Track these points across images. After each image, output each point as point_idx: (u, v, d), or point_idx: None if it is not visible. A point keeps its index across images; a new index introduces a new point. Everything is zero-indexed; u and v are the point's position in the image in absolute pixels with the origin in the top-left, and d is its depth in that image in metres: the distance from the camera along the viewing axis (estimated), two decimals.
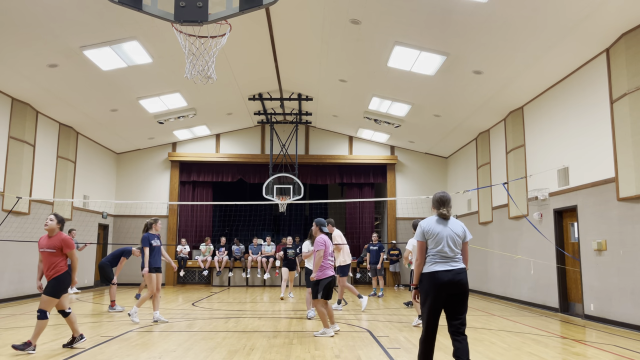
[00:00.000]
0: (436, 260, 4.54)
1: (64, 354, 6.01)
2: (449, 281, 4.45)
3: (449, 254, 4.54)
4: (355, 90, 13.66)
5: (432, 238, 4.60)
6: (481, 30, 8.92)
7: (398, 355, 6.11)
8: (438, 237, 4.58)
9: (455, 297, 4.49)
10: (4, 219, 11.41)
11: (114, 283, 10.44)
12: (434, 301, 4.47)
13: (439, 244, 4.56)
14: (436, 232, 4.60)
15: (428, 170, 18.62)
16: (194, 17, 5.65)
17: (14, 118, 11.92)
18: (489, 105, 12.41)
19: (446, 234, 4.60)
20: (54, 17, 8.95)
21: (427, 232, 4.63)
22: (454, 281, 4.46)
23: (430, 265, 4.55)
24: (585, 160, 9.48)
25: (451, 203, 4.82)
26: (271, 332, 7.76)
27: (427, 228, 4.65)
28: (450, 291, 4.46)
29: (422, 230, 4.66)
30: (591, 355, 6.22)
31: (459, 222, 4.78)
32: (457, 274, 4.50)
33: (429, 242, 4.62)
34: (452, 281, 4.46)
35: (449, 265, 4.52)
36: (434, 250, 4.57)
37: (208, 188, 18.93)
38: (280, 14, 10.36)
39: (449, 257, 4.54)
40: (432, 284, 4.47)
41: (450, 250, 4.56)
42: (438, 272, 4.48)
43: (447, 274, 4.46)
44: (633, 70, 8.03)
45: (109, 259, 10.64)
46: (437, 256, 4.54)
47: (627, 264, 8.27)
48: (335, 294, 11.27)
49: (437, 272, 4.48)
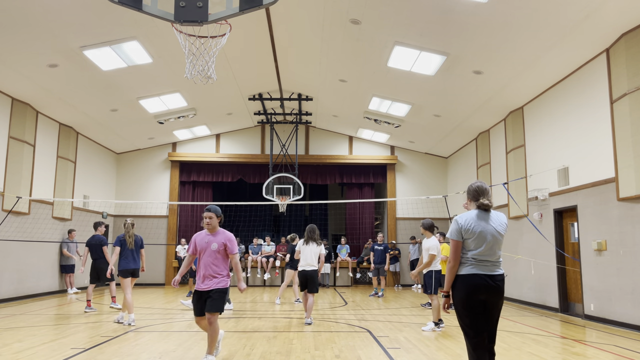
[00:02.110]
0: (474, 263, 3.88)
1: (64, 353, 6.01)
2: (486, 285, 3.82)
3: (491, 258, 3.87)
4: (355, 90, 13.65)
5: (472, 237, 3.89)
6: (481, 30, 8.92)
7: (398, 355, 6.11)
8: (479, 237, 3.88)
9: (489, 306, 3.88)
10: (4, 219, 11.41)
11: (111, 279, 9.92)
12: (475, 306, 3.82)
13: (480, 246, 3.87)
14: (477, 231, 3.89)
15: (428, 170, 18.61)
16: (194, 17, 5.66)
17: (14, 118, 11.93)
18: (489, 105, 12.41)
19: (489, 232, 3.90)
20: (54, 17, 8.95)
21: (465, 231, 3.91)
22: (492, 286, 3.82)
23: (466, 267, 3.89)
24: (585, 160, 9.48)
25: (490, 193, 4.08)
26: (271, 332, 7.76)
27: (466, 225, 3.92)
28: (486, 297, 3.84)
29: (459, 226, 3.93)
30: (591, 355, 6.22)
31: (501, 215, 4.06)
32: (496, 281, 3.86)
33: (468, 242, 3.91)
34: (489, 285, 3.82)
35: (489, 270, 3.86)
36: (474, 252, 3.88)
37: (208, 188, 18.92)
38: (280, 14, 10.36)
39: (490, 262, 3.88)
40: (466, 288, 3.84)
41: (493, 253, 3.88)
42: (476, 275, 3.84)
43: (486, 278, 3.83)
44: (633, 70, 8.02)
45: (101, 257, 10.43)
46: (476, 259, 3.88)
47: (627, 264, 8.27)
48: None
49: (474, 275, 3.84)
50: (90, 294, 10.11)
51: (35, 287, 12.84)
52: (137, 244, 8.74)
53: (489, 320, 3.90)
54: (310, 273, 8.66)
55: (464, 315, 3.88)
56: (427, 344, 6.81)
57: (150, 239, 17.23)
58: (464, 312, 3.88)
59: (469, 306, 3.85)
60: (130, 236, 8.62)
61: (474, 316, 3.84)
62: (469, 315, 3.85)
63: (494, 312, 3.91)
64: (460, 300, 3.90)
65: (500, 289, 3.88)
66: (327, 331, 7.88)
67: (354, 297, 13.53)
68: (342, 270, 17.75)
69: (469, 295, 3.85)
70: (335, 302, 12.31)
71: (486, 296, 3.85)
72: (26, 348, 6.33)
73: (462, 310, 3.89)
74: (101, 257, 10.31)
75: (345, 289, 16.47)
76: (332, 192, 22.77)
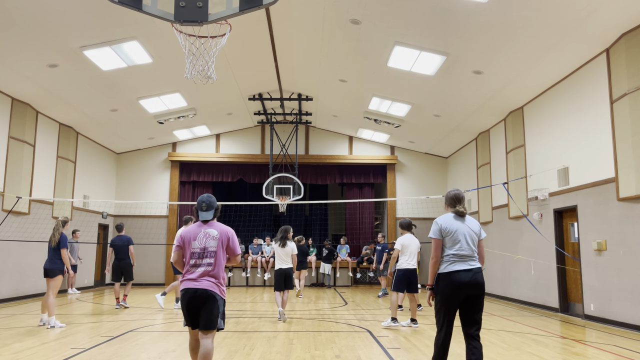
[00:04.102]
0: (454, 259, 4.36)
1: (64, 353, 6.01)
2: (469, 281, 4.28)
3: (467, 252, 4.38)
4: (355, 90, 13.65)
5: (449, 236, 4.41)
6: (481, 30, 8.92)
7: (398, 355, 6.11)
8: (456, 235, 4.40)
9: (473, 298, 4.33)
10: (4, 219, 11.41)
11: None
12: (452, 303, 4.31)
13: (457, 242, 4.38)
14: (454, 230, 4.41)
15: (428, 170, 18.62)
16: (194, 17, 5.65)
17: (14, 118, 11.92)
18: (489, 105, 12.41)
19: (464, 231, 4.43)
20: (54, 17, 8.95)
21: (444, 230, 4.43)
22: (473, 281, 4.30)
23: (449, 265, 4.36)
24: (585, 160, 9.48)
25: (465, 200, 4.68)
26: (271, 332, 7.76)
27: (445, 225, 4.44)
28: (469, 292, 4.30)
29: (439, 227, 4.45)
30: (591, 355, 6.22)
31: (474, 220, 4.63)
32: (476, 274, 4.33)
33: (446, 240, 4.41)
34: (471, 281, 4.29)
35: (468, 265, 4.35)
36: (452, 249, 4.38)
37: (208, 188, 18.92)
38: (280, 14, 10.36)
39: (467, 256, 4.37)
40: (451, 285, 4.29)
41: (469, 248, 4.39)
42: (458, 271, 4.30)
43: (467, 273, 4.30)
44: (633, 70, 8.03)
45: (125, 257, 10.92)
46: (456, 255, 4.36)
47: (627, 264, 8.27)
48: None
49: (457, 271, 4.30)
50: (118, 291, 10.76)
51: (35, 287, 12.83)
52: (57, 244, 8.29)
53: (473, 313, 4.35)
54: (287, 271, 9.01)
55: (442, 310, 4.33)
56: (427, 344, 6.81)
57: (150, 239, 17.24)
58: (442, 308, 4.33)
59: (449, 302, 4.30)
60: (57, 234, 8.29)
61: (450, 313, 4.32)
62: (446, 312, 4.31)
63: (479, 302, 4.35)
64: (442, 297, 4.34)
65: (480, 281, 4.34)
66: (327, 331, 7.88)
67: (354, 297, 13.53)
68: (342, 270, 17.76)
69: (452, 293, 4.30)
70: (335, 302, 12.31)
71: (469, 291, 4.30)
72: (26, 348, 6.33)
73: (442, 306, 4.34)
74: (125, 258, 10.83)
75: (345, 289, 16.47)
76: (332, 192, 22.77)
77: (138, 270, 17.32)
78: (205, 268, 4.39)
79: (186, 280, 4.40)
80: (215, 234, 4.49)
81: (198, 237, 4.48)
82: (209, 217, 4.55)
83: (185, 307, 4.37)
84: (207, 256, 4.42)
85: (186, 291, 4.35)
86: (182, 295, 4.39)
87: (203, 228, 4.52)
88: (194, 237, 4.48)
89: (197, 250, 4.43)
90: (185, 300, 4.35)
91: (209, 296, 4.33)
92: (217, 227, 4.54)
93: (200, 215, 4.56)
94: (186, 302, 4.35)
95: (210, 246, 4.44)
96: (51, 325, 7.93)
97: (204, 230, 4.51)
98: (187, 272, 4.43)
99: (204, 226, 4.54)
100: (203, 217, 4.54)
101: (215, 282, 4.39)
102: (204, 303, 4.31)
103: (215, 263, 4.42)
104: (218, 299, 4.37)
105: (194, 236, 4.49)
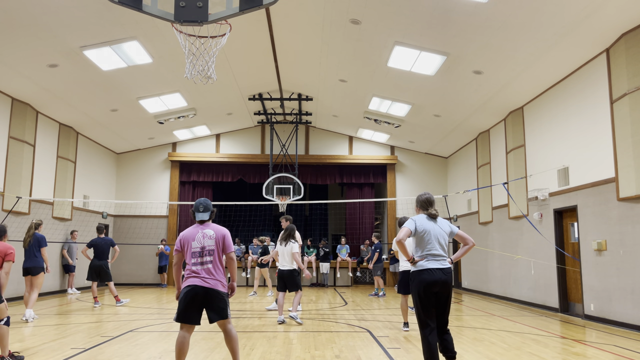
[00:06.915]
0: (428, 258, 4.76)
1: (64, 353, 6.01)
2: (439, 279, 4.67)
3: (439, 252, 4.77)
4: (355, 90, 13.65)
5: (422, 235, 4.79)
6: (481, 30, 8.92)
7: (398, 355, 6.11)
8: (428, 236, 4.79)
9: (442, 296, 4.71)
10: (4, 219, 11.40)
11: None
12: (427, 299, 4.68)
13: (429, 243, 4.78)
14: (427, 230, 4.81)
15: (428, 170, 18.61)
16: (194, 17, 5.65)
17: (14, 118, 11.92)
18: (489, 105, 12.41)
19: (436, 232, 4.83)
20: (54, 17, 8.95)
21: (418, 227, 4.82)
22: (443, 280, 4.68)
23: (422, 262, 4.76)
24: (585, 160, 9.48)
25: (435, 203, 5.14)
26: (271, 332, 7.76)
27: (419, 223, 4.85)
28: (439, 289, 4.67)
29: (415, 224, 4.84)
30: (591, 355, 6.22)
31: (445, 221, 5.01)
32: (446, 273, 4.72)
33: (418, 238, 4.81)
34: (441, 279, 4.67)
35: (440, 264, 4.74)
36: (424, 249, 4.78)
37: (208, 188, 18.93)
38: (280, 14, 10.36)
39: (438, 256, 4.76)
40: (424, 281, 4.67)
41: (441, 248, 4.80)
42: (430, 269, 4.70)
43: (438, 272, 4.69)
44: (633, 70, 8.02)
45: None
46: (428, 255, 4.76)
47: (627, 264, 8.27)
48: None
49: (429, 269, 4.70)
50: (95, 290, 11.07)
51: None
52: (35, 244, 9.13)
53: (443, 311, 4.73)
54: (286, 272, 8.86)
55: (420, 306, 4.70)
56: None
57: (150, 239, 17.24)
58: (420, 304, 4.70)
59: (425, 299, 4.68)
60: (30, 236, 9.11)
61: (428, 310, 4.68)
62: (423, 308, 4.68)
63: (447, 300, 4.75)
64: (417, 294, 4.71)
65: (449, 280, 4.75)
66: (327, 331, 7.88)
67: (354, 297, 13.53)
68: (342, 270, 17.76)
69: (425, 289, 4.67)
70: (335, 302, 12.31)
71: (439, 288, 4.69)
72: (26, 348, 6.33)
73: (419, 302, 4.71)
74: (105, 259, 11.19)
75: (345, 289, 16.47)
76: (332, 192, 22.77)
77: (138, 271, 17.41)
78: (208, 266, 4.74)
79: (192, 277, 4.71)
80: (212, 233, 4.85)
81: (197, 237, 4.82)
82: (206, 218, 4.94)
83: (189, 302, 4.64)
84: (207, 254, 4.77)
85: (193, 288, 4.65)
86: (187, 291, 4.68)
87: (200, 229, 4.88)
88: (193, 237, 4.83)
89: (197, 250, 4.77)
90: (191, 296, 4.64)
91: (216, 293, 4.70)
92: (213, 228, 4.91)
93: (197, 216, 4.92)
94: (191, 297, 4.64)
95: (208, 245, 4.80)
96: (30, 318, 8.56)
97: (202, 230, 4.86)
98: (192, 270, 4.74)
99: (200, 227, 4.90)
100: (200, 218, 4.91)
101: (218, 279, 4.75)
102: (211, 300, 4.68)
103: (215, 260, 4.78)
104: (223, 294, 4.74)
105: (193, 237, 4.83)
